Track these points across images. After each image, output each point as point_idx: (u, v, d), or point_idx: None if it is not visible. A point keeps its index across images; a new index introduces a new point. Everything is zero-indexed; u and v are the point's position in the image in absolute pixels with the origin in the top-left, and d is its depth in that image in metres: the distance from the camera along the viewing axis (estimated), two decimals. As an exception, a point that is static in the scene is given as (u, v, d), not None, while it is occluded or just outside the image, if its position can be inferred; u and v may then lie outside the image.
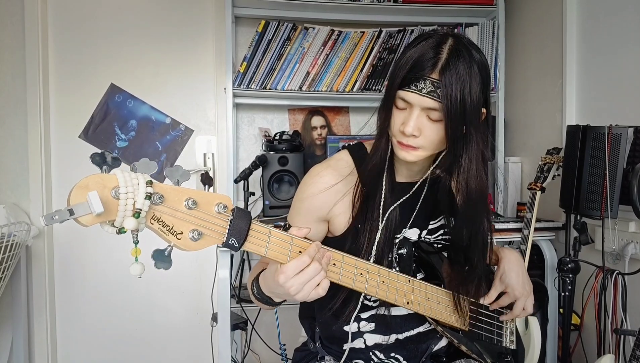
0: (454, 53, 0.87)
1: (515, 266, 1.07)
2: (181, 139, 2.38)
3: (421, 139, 0.91)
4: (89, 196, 0.62)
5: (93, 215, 0.63)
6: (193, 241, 0.73)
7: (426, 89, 0.86)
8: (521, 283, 1.06)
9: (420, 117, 0.89)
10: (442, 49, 0.87)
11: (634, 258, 1.54)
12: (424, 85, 0.86)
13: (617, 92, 1.64)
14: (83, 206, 0.62)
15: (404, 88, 0.88)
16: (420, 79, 0.87)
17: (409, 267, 1.02)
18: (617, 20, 1.64)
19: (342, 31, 2.16)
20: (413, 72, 0.87)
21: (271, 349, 2.20)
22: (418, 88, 0.87)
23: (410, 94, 0.88)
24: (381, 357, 1.07)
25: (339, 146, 2.18)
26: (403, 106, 0.91)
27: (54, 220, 0.61)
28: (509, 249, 1.13)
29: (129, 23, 2.31)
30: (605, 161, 1.45)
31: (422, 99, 0.87)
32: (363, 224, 0.99)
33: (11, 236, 1.88)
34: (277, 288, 0.82)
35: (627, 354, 1.49)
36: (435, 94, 0.86)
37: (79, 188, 0.64)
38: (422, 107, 0.88)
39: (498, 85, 2.19)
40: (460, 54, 0.87)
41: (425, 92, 0.86)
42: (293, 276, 0.78)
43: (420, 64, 0.87)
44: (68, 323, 2.34)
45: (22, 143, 2.20)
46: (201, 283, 2.39)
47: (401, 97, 0.90)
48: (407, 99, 0.89)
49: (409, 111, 0.90)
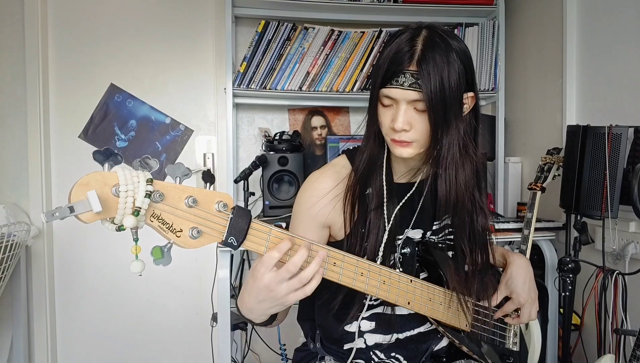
0: (429, 43, 0.88)
1: (522, 273, 1.07)
2: (181, 139, 2.38)
3: (413, 133, 0.91)
4: (88, 195, 0.63)
5: (93, 213, 0.63)
6: (192, 239, 0.73)
7: (407, 82, 0.87)
8: (527, 290, 1.06)
9: (408, 110, 0.90)
10: (416, 41, 0.88)
11: (634, 258, 1.53)
12: (404, 78, 0.87)
13: (617, 92, 1.64)
14: (83, 203, 0.63)
15: (386, 85, 0.89)
16: (400, 73, 0.87)
17: (412, 267, 1.01)
18: (617, 20, 1.64)
19: (342, 31, 2.16)
20: (392, 68, 0.88)
21: (271, 349, 2.20)
22: (400, 82, 0.88)
23: (393, 90, 0.89)
24: (382, 356, 1.07)
25: (339, 146, 2.18)
26: (389, 103, 0.92)
27: (55, 217, 0.61)
28: (519, 255, 1.12)
29: (129, 23, 2.31)
30: (606, 161, 1.45)
31: (406, 93, 0.88)
32: (364, 227, 0.99)
33: (11, 236, 1.87)
34: (257, 288, 0.79)
35: (627, 354, 1.49)
36: (417, 85, 0.87)
37: (80, 185, 0.64)
38: (407, 101, 0.89)
39: (498, 85, 2.19)
40: (434, 43, 0.88)
41: (407, 85, 0.87)
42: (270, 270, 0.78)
43: (398, 59, 0.88)
44: (68, 323, 2.33)
45: (22, 143, 2.20)
46: (201, 283, 2.39)
47: (385, 95, 0.91)
48: (391, 95, 0.90)
49: (395, 107, 0.91)
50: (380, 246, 0.97)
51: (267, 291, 0.79)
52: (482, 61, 2.19)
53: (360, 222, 0.99)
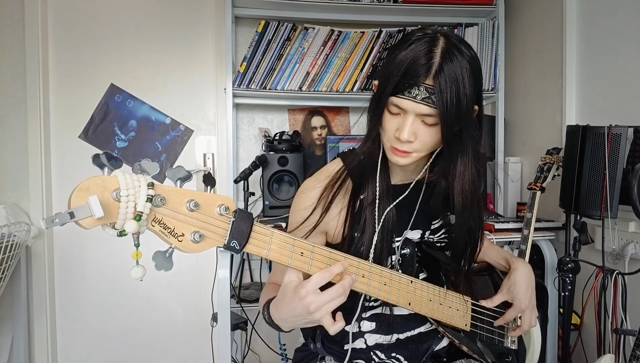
0: (447, 56, 0.85)
1: (525, 280, 1.08)
2: (181, 139, 2.38)
3: (416, 144, 0.90)
4: (89, 200, 0.62)
5: (94, 218, 0.63)
6: (194, 244, 0.73)
7: (420, 95, 0.84)
8: (529, 297, 1.07)
9: (415, 122, 0.88)
10: (434, 53, 0.85)
11: (633, 258, 1.54)
12: (418, 91, 0.84)
13: (617, 92, 1.64)
14: (84, 209, 0.62)
15: (398, 95, 0.87)
16: (414, 85, 0.85)
17: (412, 267, 1.02)
18: (617, 20, 1.64)
19: (342, 31, 2.16)
20: (406, 78, 0.85)
21: (271, 349, 2.20)
22: (412, 95, 0.85)
23: (404, 101, 0.86)
24: (382, 356, 1.07)
25: (339, 146, 2.18)
26: (396, 111, 0.90)
27: (55, 223, 0.60)
28: (522, 261, 1.13)
29: (129, 23, 2.31)
30: (605, 161, 1.45)
31: (417, 106, 0.86)
32: (359, 229, 0.99)
33: (11, 236, 1.87)
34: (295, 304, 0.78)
35: (627, 354, 1.49)
36: (430, 100, 0.84)
37: (79, 191, 0.63)
38: (416, 114, 0.87)
39: (498, 85, 2.19)
40: (452, 55, 0.85)
41: (420, 99, 0.85)
42: (314, 291, 0.77)
43: (414, 70, 0.85)
44: (68, 323, 2.34)
45: (22, 143, 2.20)
46: (201, 283, 2.39)
47: (395, 104, 0.88)
48: (402, 106, 0.87)
49: (402, 116, 0.89)
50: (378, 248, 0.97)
51: (306, 312, 0.78)
52: (482, 61, 2.19)
53: (356, 225, 0.99)
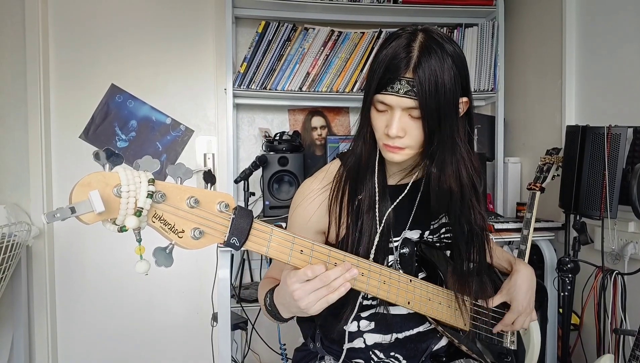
0: (425, 49, 0.87)
1: (526, 283, 1.08)
2: (181, 139, 2.38)
3: (407, 139, 0.91)
4: (91, 195, 0.62)
5: (95, 213, 0.63)
6: (194, 240, 0.73)
7: (403, 89, 0.86)
8: (528, 300, 1.07)
9: (403, 117, 0.90)
10: (412, 47, 0.87)
11: (633, 258, 1.54)
12: (400, 85, 0.87)
13: (616, 92, 1.65)
14: (85, 204, 0.62)
15: (382, 91, 0.89)
16: (395, 80, 0.87)
17: (411, 267, 1.02)
18: (617, 20, 1.64)
19: (342, 32, 2.17)
20: (388, 74, 0.88)
21: (271, 349, 2.20)
22: (395, 90, 0.87)
23: (388, 96, 0.88)
24: (381, 356, 1.07)
25: (339, 146, 2.18)
26: (383, 108, 0.92)
27: (56, 218, 0.61)
28: (525, 264, 1.13)
29: (130, 23, 2.31)
30: (605, 161, 1.46)
31: (401, 100, 0.87)
32: (357, 230, 0.99)
33: (12, 236, 1.87)
34: (284, 293, 0.85)
35: (626, 354, 1.49)
36: (412, 93, 0.86)
37: (81, 186, 0.64)
38: (402, 108, 0.89)
39: (498, 85, 2.19)
40: (430, 49, 0.87)
41: (403, 93, 0.87)
42: (301, 281, 0.81)
43: (394, 65, 0.87)
44: (68, 323, 2.34)
45: (22, 143, 2.20)
46: (201, 283, 2.39)
47: (380, 101, 0.90)
48: (386, 102, 0.89)
49: (390, 113, 0.91)
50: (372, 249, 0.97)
51: (292, 299, 0.83)
52: (481, 61, 2.20)
53: (354, 225, 0.99)
